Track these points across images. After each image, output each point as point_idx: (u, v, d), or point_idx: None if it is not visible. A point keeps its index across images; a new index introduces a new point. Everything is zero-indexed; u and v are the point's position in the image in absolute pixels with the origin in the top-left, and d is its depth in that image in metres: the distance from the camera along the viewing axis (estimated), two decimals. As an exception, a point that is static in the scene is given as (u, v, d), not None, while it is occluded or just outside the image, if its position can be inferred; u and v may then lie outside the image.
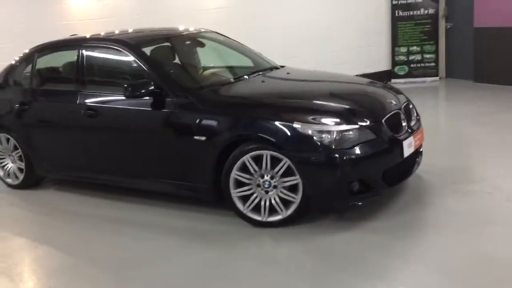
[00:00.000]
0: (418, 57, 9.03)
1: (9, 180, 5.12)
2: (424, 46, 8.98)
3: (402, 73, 9.11)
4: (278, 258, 3.36)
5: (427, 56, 9.00)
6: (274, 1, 8.15)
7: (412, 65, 9.08)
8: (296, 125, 3.46)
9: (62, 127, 4.64)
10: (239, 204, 3.72)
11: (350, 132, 3.48)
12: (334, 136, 3.43)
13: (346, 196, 3.51)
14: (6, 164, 5.11)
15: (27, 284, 3.28)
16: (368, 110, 3.74)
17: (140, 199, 4.43)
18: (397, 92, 4.32)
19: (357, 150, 3.44)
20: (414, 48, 9.03)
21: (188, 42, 5.06)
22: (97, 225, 4.07)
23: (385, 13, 9.03)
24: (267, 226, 3.68)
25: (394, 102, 3.97)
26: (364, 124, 3.54)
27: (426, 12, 8.84)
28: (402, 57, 9.10)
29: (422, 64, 9.03)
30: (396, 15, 8.97)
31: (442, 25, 8.89)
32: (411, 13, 8.90)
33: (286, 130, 3.48)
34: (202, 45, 5.03)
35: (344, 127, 3.48)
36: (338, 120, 3.52)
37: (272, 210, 3.65)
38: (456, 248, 3.23)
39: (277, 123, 3.53)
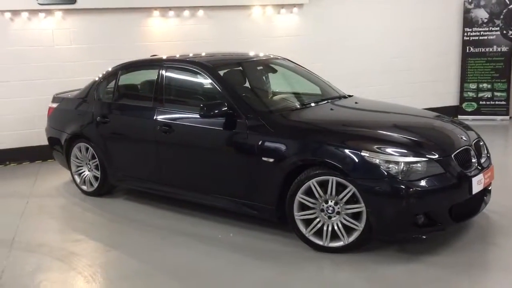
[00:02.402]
0: (488, 94, 8.82)
1: (84, 187, 5.47)
2: (495, 84, 8.77)
3: (470, 109, 8.92)
4: (337, 283, 3.40)
5: (498, 94, 8.78)
6: (341, 31, 8.27)
7: (481, 103, 8.87)
8: (364, 154, 3.53)
9: (137, 141, 4.93)
10: (301, 227, 3.81)
11: (418, 165, 3.50)
12: (402, 167, 3.46)
13: (410, 228, 3.51)
14: (83, 172, 5.47)
15: (100, 284, 3.50)
16: (438, 144, 3.75)
17: (204, 214, 4.61)
18: (467, 128, 4.29)
19: (424, 183, 3.45)
20: (484, 85, 8.84)
21: (259, 68, 5.26)
22: (165, 236, 4.27)
23: (456, 48, 8.93)
24: (328, 251, 3.74)
25: (464, 138, 3.95)
26: (432, 157, 3.56)
27: (499, 49, 8.66)
28: (471, 94, 8.92)
29: (492, 102, 8.81)
30: (467, 51, 8.84)
31: (516, 63, 8.67)
32: (483, 49, 8.75)
33: (354, 158, 3.55)
34: (274, 71, 5.22)
35: (411, 159, 3.50)
36: (406, 151, 3.55)
37: (334, 236, 3.71)
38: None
39: (344, 150, 3.61)
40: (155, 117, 4.69)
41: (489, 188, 4.08)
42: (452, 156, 3.65)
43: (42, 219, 4.86)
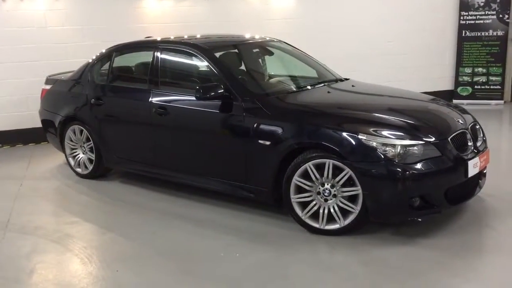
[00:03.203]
0: (483, 79, 8.83)
1: (78, 170, 5.44)
2: (490, 68, 8.78)
3: (465, 94, 8.94)
4: (332, 266, 3.41)
5: (493, 78, 8.79)
6: (337, 14, 8.24)
7: (476, 87, 8.89)
8: (361, 136, 3.52)
9: (133, 123, 4.89)
10: (298, 210, 3.81)
11: (415, 148, 3.50)
12: (398, 150, 3.46)
13: (406, 210, 3.53)
14: (77, 154, 5.44)
15: (96, 265, 3.49)
16: (434, 127, 3.75)
17: (199, 197, 4.61)
18: (463, 111, 4.29)
19: (420, 166, 3.46)
20: (480, 69, 8.85)
21: (255, 50, 5.22)
22: (160, 218, 4.26)
23: (451, 32, 8.91)
24: (324, 233, 3.75)
25: (461, 121, 3.95)
26: (429, 140, 3.56)
27: (494, 33, 8.65)
28: (466, 78, 8.94)
29: (487, 87, 8.83)
30: (463, 35, 8.82)
31: (511, 48, 8.66)
32: (479, 33, 8.74)
33: (351, 141, 3.55)
34: (270, 53, 5.18)
35: (408, 142, 3.50)
36: (403, 134, 3.55)
37: (330, 219, 3.71)
38: (517, 272, 3.19)
39: (341, 133, 3.60)
40: (150, 99, 4.65)
41: (484, 172, 4.09)
42: (449, 139, 3.65)
43: (36, 202, 4.84)
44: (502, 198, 4.33)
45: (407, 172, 3.43)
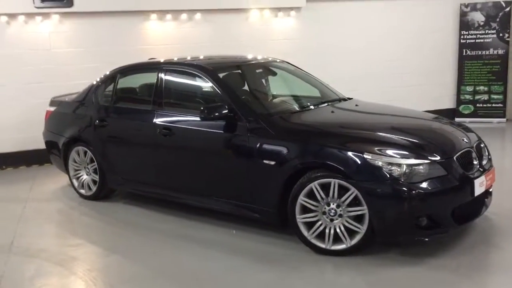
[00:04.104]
0: (485, 97, 8.86)
1: (82, 191, 5.43)
2: (491, 86, 8.81)
3: (467, 112, 8.96)
4: (339, 287, 3.38)
5: (495, 96, 8.82)
6: (338, 35, 8.29)
7: (478, 105, 8.91)
8: (366, 156, 3.52)
9: (137, 144, 4.90)
10: (303, 230, 3.79)
11: (420, 167, 3.49)
12: (404, 170, 3.45)
13: (413, 230, 3.50)
14: (81, 176, 5.43)
15: (100, 289, 3.46)
16: (439, 145, 3.74)
17: (205, 218, 4.59)
18: (468, 130, 4.29)
19: (426, 185, 3.44)
20: (481, 87, 8.87)
21: (258, 70, 5.25)
22: (165, 240, 4.24)
23: (452, 51, 8.96)
24: (330, 254, 3.72)
25: (465, 140, 3.95)
26: (434, 159, 3.55)
27: (495, 52, 8.71)
28: (468, 96, 8.96)
29: (489, 105, 8.85)
30: (464, 54, 8.88)
31: (512, 66, 8.72)
32: (480, 52, 8.79)
33: (356, 160, 3.54)
34: (273, 73, 5.21)
35: (414, 161, 3.50)
36: (408, 153, 3.54)
37: (336, 239, 3.69)
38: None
39: (346, 152, 3.59)
40: (154, 120, 4.66)
41: (490, 190, 4.08)
42: (454, 158, 3.65)
43: (40, 224, 4.81)
44: (508, 216, 4.30)
45: (413, 192, 3.41)
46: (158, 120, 4.64)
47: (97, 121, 5.16)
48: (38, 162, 7.06)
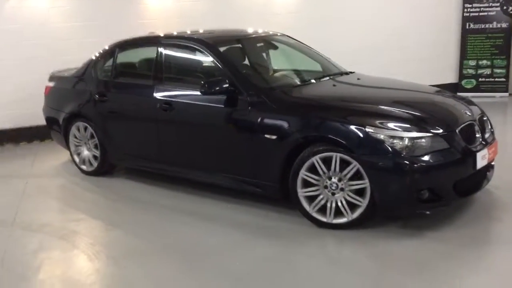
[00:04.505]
0: (488, 71, 8.77)
1: (83, 167, 5.43)
2: (494, 61, 8.72)
3: (469, 86, 8.88)
4: (340, 260, 3.40)
5: (497, 71, 8.73)
6: (339, 8, 8.18)
7: (480, 79, 8.83)
8: (368, 129, 3.49)
9: (137, 119, 4.87)
10: (305, 204, 3.79)
11: (423, 140, 3.47)
12: (406, 143, 3.43)
13: (414, 203, 3.50)
14: (82, 152, 5.42)
15: (103, 262, 3.48)
16: (442, 119, 3.72)
17: (206, 192, 4.59)
18: (470, 103, 4.26)
19: (429, 158, 3.43)
20: (484, 62, 8.78)
21: (259, 44, 5.18)
22: (166, 215, 4.25)
23: (455, 24, 8.84)
24: (331, 227, 3.73)
25: (468, 113, 3.92)
26: (437, 132, 3.53)
27: (499, 25, 8.59)
28: (471, 71, 8.88)
29: (492, 79, 8.77)
30: (467, 27, 8.76)
31: (516, 39, 8.61)
32: (483, 26, 8.67)
33: (358, 134, 3.52)
34: (275, 47, 5.15)
35: (416, 134, 3.47)
36: (410, 126, 3.52)
37: (338, 212, 3.69)
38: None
39: (348, 126, 3.57)
40: (154, 95, 4.63)
41: (492, 164, 4.06)
42: (457, 131, 3.62)
43: (42, 199, 4.83)
44: (510, 190, 4.29)
45: (415, 165, 3.40)
46: (158, 95, 4.61)
47: (97, 96, 5.12)
48: (39, 138, 7.05)
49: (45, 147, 6.75)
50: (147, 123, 4.75)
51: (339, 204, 3.66)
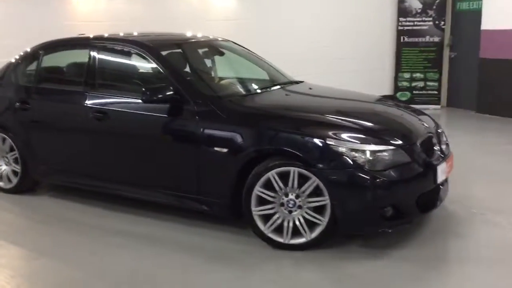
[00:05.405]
0: (421, 84, 8.98)
1: (1, 184, 4.79)
2: (427, 74, 8.95)
3: (404, 99, 9.03)
4: (300, 284, 3.10)
5: (430, 83, 8.97)
6: (279, 17, 8.06)
7: (414, 92, 9.02)
8: (329, 142, 3.25)
9: (65, 129, 4.36)
10: (259, 223, 3.47)
11: (385, 153, 3.28)
12: (368, 156, 3.22)
13: (378, 221, 3.29)
14: (-1, 166, 4.78)
15: (26, 300, 2.96)
16: (403, 131, 3.57)
17: (144, 211, 4.14)
18: (424, 114, 4.15)
19: (392, 173, 3.24)
20: (418, 75, 8.98)
21: (203, 50, 4.84)
22: (99, 237, 3.77)
23: (390, 38, 8.99)
24: (289, 248, 3.43)
25: (426, 125, 3.80)
26: (398, 144, 3.35)
27: (431, 39, 8.83)
28: (405, 83, 9.05)
29: (425, 92, 8.98)
30: (401, 40, 8.93)
31: (447, 54, 8.88)
32: (416, 39, 8.88)
33: (317, 146, 3.27)
34: (221, 54, 4.82)
35: (378, 147, 3.27)
36: (372, 139, 3.32)
37: (296, 232, 3.40)
38: (494, 283, 3.04)
39: (306, 138, 3.31)
40: (86, 103, 4.14)
41: (446, 177, 3.96)
42: (418, 143, 3.47)
43: (-51, 222, 4.14)
44: (464, 203, 4.22)
45: (378, 180, 3.20)
46: (90, 102, 4.13)
47: (18, 103, 4.53)
48: None
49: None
50: (76, 134, 4.25)
51: (297, 223, 3.37)
